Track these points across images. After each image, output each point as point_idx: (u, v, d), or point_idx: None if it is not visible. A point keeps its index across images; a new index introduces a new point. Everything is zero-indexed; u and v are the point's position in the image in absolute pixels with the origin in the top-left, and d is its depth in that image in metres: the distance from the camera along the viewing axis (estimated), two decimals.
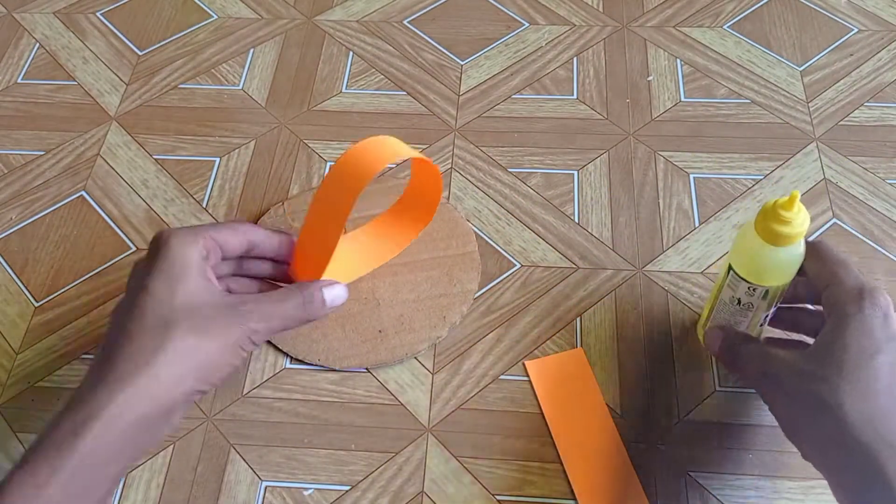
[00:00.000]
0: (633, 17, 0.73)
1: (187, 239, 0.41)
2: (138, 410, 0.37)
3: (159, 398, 0.38)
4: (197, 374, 0.39)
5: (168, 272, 0.40)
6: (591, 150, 0.63)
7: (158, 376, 0.37)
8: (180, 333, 0.38)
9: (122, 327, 0.39)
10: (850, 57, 0.68)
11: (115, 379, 0.37)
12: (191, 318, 0.39)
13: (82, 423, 0.36)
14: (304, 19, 0.74)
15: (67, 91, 0.69)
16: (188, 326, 0.38)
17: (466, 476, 0.47)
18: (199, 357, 0.39)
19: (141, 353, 0.38)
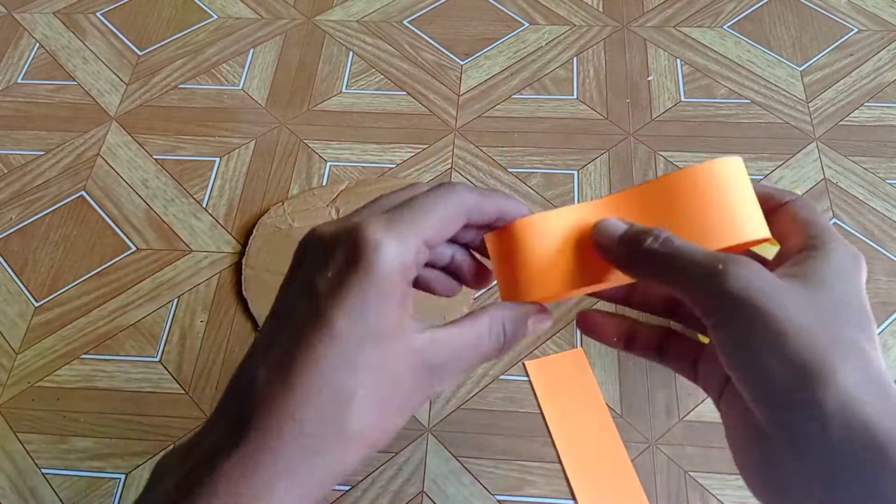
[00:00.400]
0: (633, 17, 0.73)
1: (401, 248, 0.27)
2: None
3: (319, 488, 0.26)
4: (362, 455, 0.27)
5: (364, 300, 0.26)
6: (592, 150, 0.63)
7: (327, 468, 0.26)
8: (361, 416, 0.26)
9: (284, 381, 0.26)
10: (850, 57, 0.68)
11: (274, 470, 0.25)
12: (376, 389, 0.26)
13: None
14: (304, 19, 0.74)
15: (67, 91, 0.69)
16: (372, 404, 0.26)
17: (466, 476, 0.47)
18: (373, 437, 0.26)
19: (310, 436, 0.25)
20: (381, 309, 0.26)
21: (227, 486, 0.24)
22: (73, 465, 0.49)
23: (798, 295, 0.27)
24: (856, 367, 0.26)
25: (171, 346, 0.53)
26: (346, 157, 0.63)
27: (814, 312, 0.27)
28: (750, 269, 0.27)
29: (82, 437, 0.50)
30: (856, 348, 0.27)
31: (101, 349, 0.53)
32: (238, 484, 0.25)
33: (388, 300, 0.26)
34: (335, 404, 0.25)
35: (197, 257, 0.58)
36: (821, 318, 0.27)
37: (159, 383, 0.52)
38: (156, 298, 0.56)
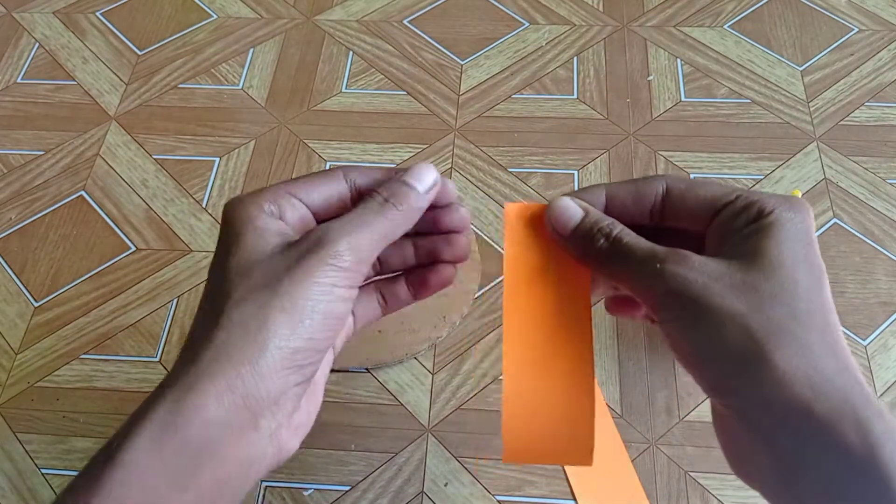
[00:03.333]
0: (633, 17, 0.72)
1: (244, 201, 0.31)
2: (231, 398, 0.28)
3: (253, 404, 0.28)
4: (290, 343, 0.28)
5: (223, 248, 0.31)
6: (592, 150, 0.63)
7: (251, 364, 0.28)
8: (235, 304, 0.29)
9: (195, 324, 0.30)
10: (851, 57, 0.68)
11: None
12: (247, 275, 0.29)
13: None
14: (304, 19, 0.74)
15: (67, 91, 0.69)
16: (243, 293, 0.29)
17: (466, 476, 0.47)
18: (266, 329, 0.28)
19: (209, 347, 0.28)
20: (234, 241, 0.30)
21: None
22: (73, 465, 0.49)
23: (736, 282, 0.27)
24: (793, 347, 0.26)
25: (170, 346, 0.53)
26: (346, 157, 0.63)
27: (752, 298, 0.27)
28: (685, 262, 0.28)
29: (82, 437, 0.50)
30: (795, 337, 0.27)
31: (100, 349, 0.53)
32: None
33: (240, 233, 0.30)
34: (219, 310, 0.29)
35: (196, 257, 0.58)
36: (759, 303, 0.27)
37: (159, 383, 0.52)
38: (155, 298, 0.56)
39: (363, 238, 0.30)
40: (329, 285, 0.29)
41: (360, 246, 0.30)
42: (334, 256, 0.29)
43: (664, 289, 0.28)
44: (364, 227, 0.31)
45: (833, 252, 0.56)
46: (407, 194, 0.32)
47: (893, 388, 0.50)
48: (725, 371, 0.27)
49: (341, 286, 0.30)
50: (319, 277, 0.29)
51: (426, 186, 0.32)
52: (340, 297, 0.30)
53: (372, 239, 0.31)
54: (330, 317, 0.30)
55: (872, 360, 0.51)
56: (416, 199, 0.32)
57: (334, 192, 0.33)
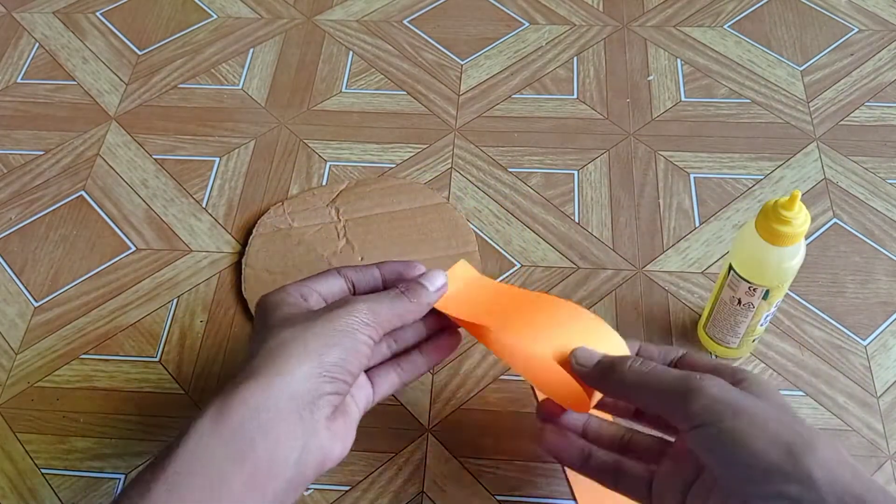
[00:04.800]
0: (633, 17, 0.72)
1: (276, 291, 0.41)
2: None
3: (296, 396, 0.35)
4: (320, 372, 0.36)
5: (261, 318, 0.40)
6: (592, 150, 0.63)
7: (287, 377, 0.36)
8: (278, 332, 0.37)
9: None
10: (851, 57, 0.68)
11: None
12: (286, 322, 0.38)
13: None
14: (304, 19, 0.74)
15: (67, 91, 0.69)
16: (284, 327, 0.37)
17: (466, 476, 0.47)
18: (304, 344, 0.36)
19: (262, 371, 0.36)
20: (269, 316, 0.39)
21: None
22: (73, 465, 0.49)
23: (759, 399, 0.34)
24: (828, 445, 0.32)
25: (170, 346, 0.53)
26: (346, 157, 0.63)
27: (776, 410, 0.33)
28: (719, 381, 0.35)
29: (82, 437, 0.50)
30: (818, 434, 0.32)
31: (100, 349, 0.53)
32: None
33: (272, 312, 0.39)
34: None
35: (197, 257, 0.58)
36: (782, 414, 0.33)
37: (159, 383, 0.52)
38: (155, 298, 0.56)
39: (380, 308, 0.39)
40: (352, 330, 0.38)
41: (377, 311, 0.39)
42: (356, 311, 0.38)
43: (707, 396, 0.34)
44: (381, 302, 0.40)
45: (833, 252, 0.56)
46: (420, 291, 0.41)
47: (893, 389, 0.50)
48: (771, 459, 0.31)
49: (363, 333, 0.38)
50: (345, 323, 0.38)
51: (436, 287, 0.42)
52: (362, 340, 0.38)
53: (387, 312, 0.39)
54: (354, 351, 0.37)
55: (872, 360, 0.51)
56: (427, 296, 0.41)
57: (337, 286, 0.42)
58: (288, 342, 0.36)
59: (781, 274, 0.43)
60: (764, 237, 0.41)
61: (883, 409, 0.49)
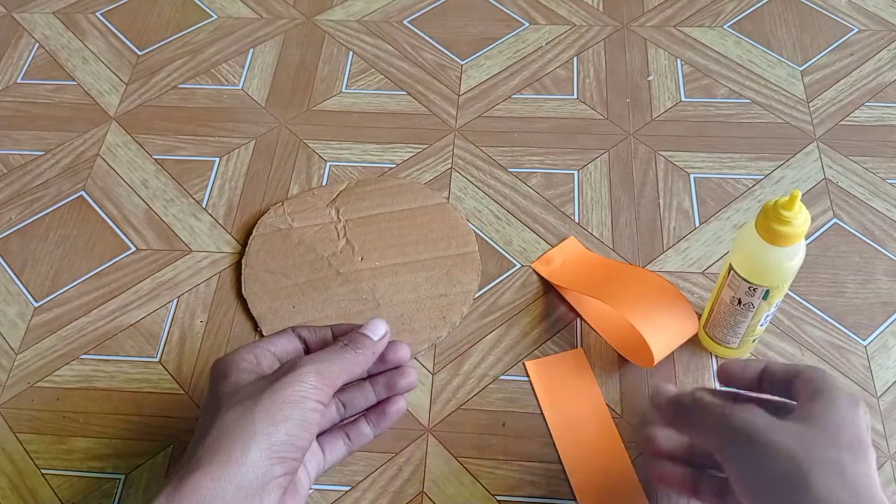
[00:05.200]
0: (633, 17, 0.72)
1: (228, 356, 0.42)
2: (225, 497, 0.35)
3: (244, 485, 0.35)
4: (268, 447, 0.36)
5: (213, 385, 0.40)
6: (592, 150, 0.63)
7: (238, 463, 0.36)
8: (226, 411, 0.37)
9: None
10: (851, 57, 0.68)
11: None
12: (235, 395, 0.38)
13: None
14: (304, 19, 0.74)
15: (67, 91, 0.69)
16: (232, 404, 0.38)
17: (466, 476, 0.47)
18: (252, 424, 0.36)
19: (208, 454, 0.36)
20: (222, 378, 0.40)
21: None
22: (73, 465, 0.49)
23: (789, 427, 0.35)
24: (832, 479, 0.33)
25: (170, 346, 0.53)
26: (346, 157, 0.63)
27: (800, 440, 0.34)
28: (749, 411, 0.36)
29: (82, 437, 0.50)
30: (836, 465, 0.34)
31: (100, 349, 0.53)
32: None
33: (227, 373, 0.40)
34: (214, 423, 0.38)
35: (197, 257, 0.58)
36: (805, 445, 0.34)
37: (159, 383, 0.52)
38: (155, 299, 0.56)
39: (326, 367, 0.39)
40: (300, 397, 0.37)
41: (323, 371, 0.39)
42: (303, 376, 0.38)
43: (728, 427, 0.36)
44: (327, 360, 0.40)
45: (833, 252, 0.56)
46: (363, 341, 0.42)
47: (893, 388, 0.50)
48: (773, 494, 0.34)
49: (311, 399, 0.38)
50: (292, 392, 0.37)
51: (378, 335, 0.43)
52: (311, 407, 0.38)
53: (333, 368, 0.40)
54: (304, 420, 0.37)
55: (872, 360, 0.51)
56: (371, 346, 0.42)
57: (291, 346, 0.43)
58: (235, 423, 0.36)
59: (781, 274, 0.43)
60: (764, 237, 0.41)
61: (883, 409, 0.49)
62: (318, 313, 0.53)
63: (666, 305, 0.50)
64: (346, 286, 0.55)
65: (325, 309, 0.54)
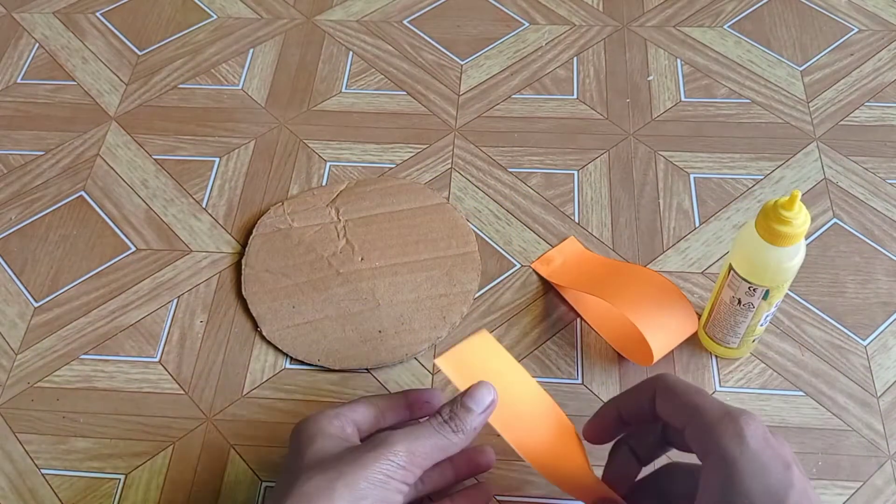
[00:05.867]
0: (633, 17, 0.72)
1: (314, 417, 0.40)
2: None
3: None
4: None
5: (295, 447, 0.39)
6: (592, 150, 0.63)
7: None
8: (308, 479, 0.36)
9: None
10: (851, 57, 0.68)
11: None
12: (320, 463, 0.37)
13: None
14: (304, 19, 0.74)
15: (67, 91, 0.69)
16: (316, 472, 0.36)
17: None
18: (331, 499, 0.35)
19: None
20: (309, 443, 0.38)
21: None
22: (73, 465, 0.49)
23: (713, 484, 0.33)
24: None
25: (170, 346, 0.53)
26: (346, 157, 0.63)
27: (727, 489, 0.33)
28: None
29: (82, 437, 0.50)
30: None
31: (100, 349, 0.53)
32: None
33: (314, 438, 0.39)
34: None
35: (196, 257, 0.58)
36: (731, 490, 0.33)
37: (159, 383, 0.52)
38: (155, 299, 0.56)
39: (419, 445, 0.37)
40: (385, 475, 0.36)
41: (415, 450, 0.37)
42: (392, 454, 0.36)
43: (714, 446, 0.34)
44: (422, 437, 0.38)
45: (833, 252, 0.56)
46: (466, 418, 0.39)
47: (893, 388, 0.50)
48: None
49: (396, 479, 0.36)
50: (378, 469, 0.36)
51: (483, 407, 0.39)
52: (395, 488, 0.36)
53: (428, 447, 0.38)
54: (385, 501, 0.36)
55: (872, 360, 0.51)
56: (472, 421, 0.39)
57: (370, 414, 0.42)
58: (316, 492, 0.35)
59: (781, 274, 0.43)
60: (764, 237, 0.41)
61: (883, 409, 0.49)
62: (318, 313, 0.53)
63: (666, 304, 0.50)
64: (346, 286, 0.55)
65: (325, 309, 0.54)
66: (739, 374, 0.51)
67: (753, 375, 0.51)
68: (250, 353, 0.53)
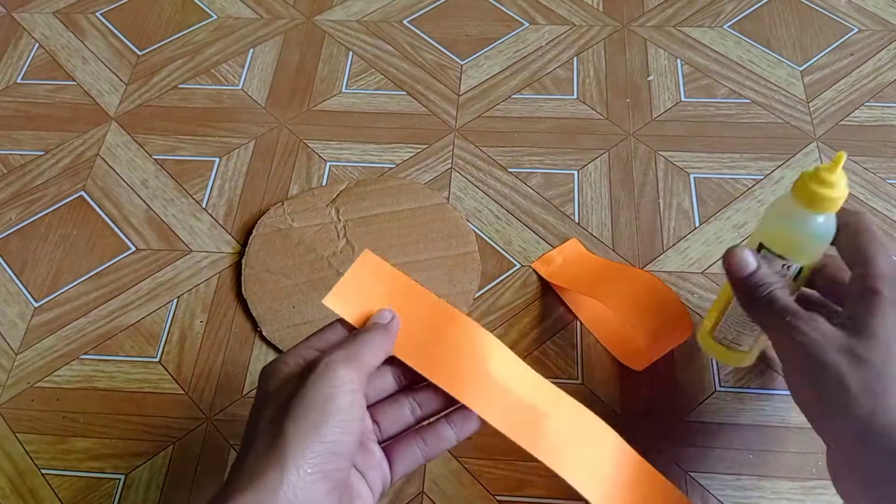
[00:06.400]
0: (633, 17, 0.72)
1: (274, 362, 0.37)
2: None
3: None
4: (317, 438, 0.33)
5: (254, 405, 0.37)
6: (592, 150, 0.63)
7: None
8: (262, 429, 0.34)
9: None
10: (851, 57, 0.68)
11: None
12: (268, 407, 0.35)
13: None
14: (304, 19, 0.74)
15: (67, 91, 0.69)
16: (265, 419, 0.35)
17: (466, 476, 0.47)
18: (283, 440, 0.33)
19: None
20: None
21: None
22: (73, 465, 0.49)
23: (846, 347, 0.35)
24: (876, 404, 0.33)
25: (170, 346, 0.53)
26: (346, 157, 0.63)
27: (853, 366, 0.34)
28: (810, 325, 0.36)
29: (82, 437, 0.50)
30: (881, 397, 0.33)
31: (100, 349, 0.53)
32: None
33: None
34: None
35: (196, 257, 0.58)
36: (856, 365, 0.34)
37: (159, 384, 0.52)
38: (155, 299, 0.56)
39: (353, 351, 0.36)
40: (330, 394, 0.33)
41: (350, 356, 0.36)
42: (328, 370, 0.34)
43: (790, 337, 0.36)
44: (352, 344, 0.36)
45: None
46: (379, 322, 0.39)
47: None
48: (826, 411, 0.35)
49: (343, 390, 0.34)
50: (320, 390, 0.34)
51: (386, 320, 0.39)
52: (346, 402, 0.34)
53: (362, 350, 0.36)
54: (338, 414, 0.33)
55: None
56: (387, 325, 0.39)
57: (337, 337, 0.39)
58: (267, 442, 0.33)
59: (820, 245, 0.39)
60: (804, 202, 0.38)
61: None
62: (317, 313, 0.53)
63: (660, 308, 0.49)
64: None
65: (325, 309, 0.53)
66: (739, 374, 0.51)
67: (753, 375, 0.51)
68: (250, 353, 0.53)
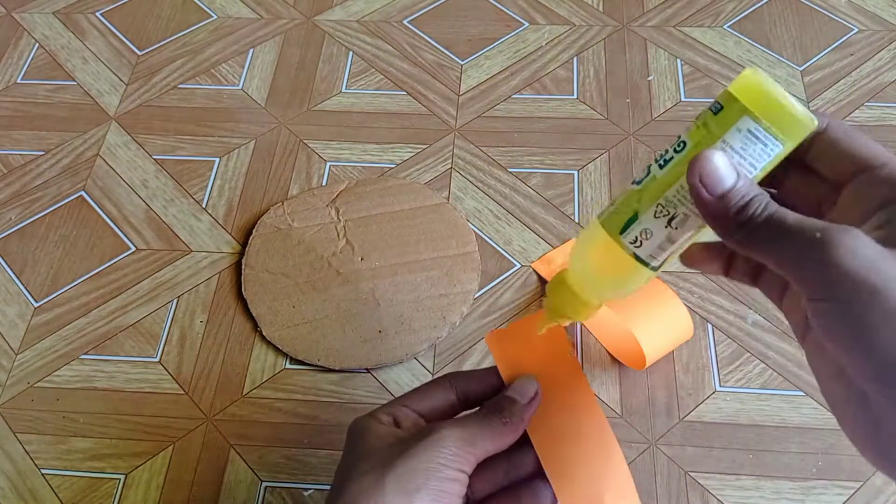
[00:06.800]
0: (633, 17, 0.72)
1: (364, 417, 0.38)
2: None
3: None
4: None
5: (347, 448, 0.37)
6: (592, 150, 0.63)
7: None
8: (356, 480, 0.34)
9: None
10: (851, 57, 0.68)
11: None
12: (366, 461, 0.35)
13: None
14: (304, 19, 0.74)
15: (67, 91, 0.69)
16: (362, 472, 0.34)
17: None
18: (382, 496, 0.33)
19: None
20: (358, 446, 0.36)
21: None
22: (73, 465, 0.49)
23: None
24: None
25: (170, 346, 0.53)
26: (346, 157, 0.63)
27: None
28: (856, 240, 0.25)
29: (82, 437, 0.50)
30: None
31: (100, 349, 0.53)
32: None
33: (361, 439, 0.37)
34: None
35: (196, 257, 0.58)
36: None
37: (159, 384, 0.52)
38: (155, 299, 0.56)
39: (468, 432, 0.35)
40: (437, 465, 0.34)
41: (465, 437, 0.35)
42: (442, 442, 0.34)
43: (830, 262, 0.25)
44: (470, 424, 0.36)
45: None
46: (510, 406, 0.37)
47: None
48: (884, 350, 0.24)
49: (449, 467, 0.34)
50: (428, 459, 0.34)
51: (527, 398, 0.37)
52: (449, 476, 0.34)
53: (478, 435, 0.36)
54: (440, 491, 0.34)
55: None
56: (520, 411, 0.37)
57: (440, 402, 0.39)
58: (364, 493, 0.33)
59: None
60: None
61: None
62: (318, 313, 0.53)
63: (661, 308, 0.49)
64: (346, 286, 0.55)
65: (325, 309, 0.54)
66: (739, 374, 0.51)
67: (753, 375, 0.51)
68: (250, 353, 0.53)
